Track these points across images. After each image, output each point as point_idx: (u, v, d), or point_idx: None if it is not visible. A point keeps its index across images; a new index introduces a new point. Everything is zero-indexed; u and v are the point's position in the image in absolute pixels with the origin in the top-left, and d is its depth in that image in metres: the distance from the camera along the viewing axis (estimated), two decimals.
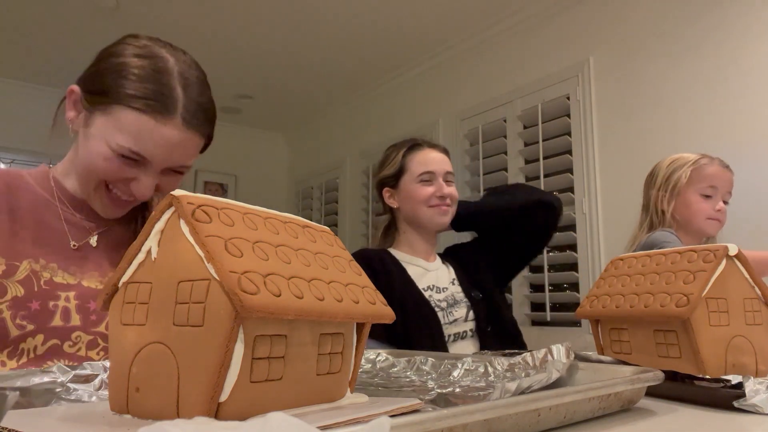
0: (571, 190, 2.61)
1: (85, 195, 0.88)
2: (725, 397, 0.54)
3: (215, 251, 0.37)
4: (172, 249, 0.40)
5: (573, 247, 2.59)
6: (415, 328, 1.30)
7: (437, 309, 1.36)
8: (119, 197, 0.86)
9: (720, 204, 1.55)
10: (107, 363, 0.51)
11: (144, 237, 0.42)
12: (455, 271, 1.49)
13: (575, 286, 2.55)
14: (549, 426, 0.45)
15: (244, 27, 3.14)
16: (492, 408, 0.39)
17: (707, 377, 0.57)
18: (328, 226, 0.71)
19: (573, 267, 2.56)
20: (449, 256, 1.55)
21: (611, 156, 2.48)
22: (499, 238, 1.53)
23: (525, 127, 2.85)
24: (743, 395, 0.53)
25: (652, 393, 0.58)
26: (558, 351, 0.60)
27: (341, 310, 0.43)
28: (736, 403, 0.53)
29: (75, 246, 0.88)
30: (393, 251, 1.48)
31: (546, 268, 2.64)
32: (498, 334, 1.41)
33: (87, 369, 0.52)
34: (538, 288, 2.74)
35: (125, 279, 0.42)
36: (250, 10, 2.96)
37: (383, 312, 0.48)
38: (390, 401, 0.46)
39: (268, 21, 3.07)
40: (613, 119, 2.50)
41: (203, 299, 0.37)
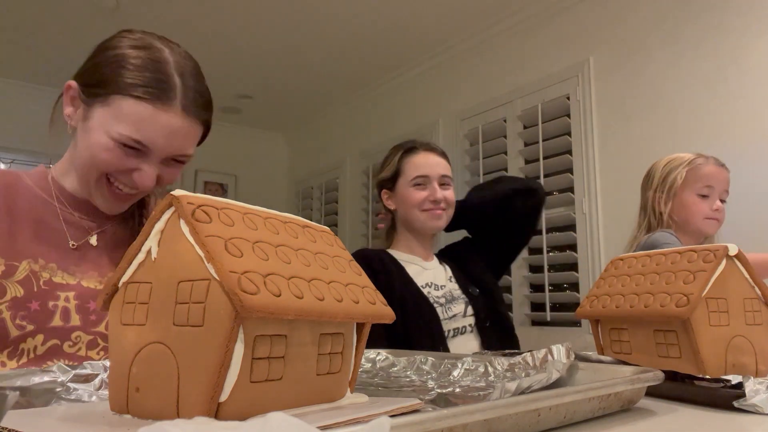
0: (571, 190, 2.61)
1: (86, 191, 0.88)
2: (725, 397, 0.54)
3: (215, 251, 0.37)
4: (172, 249, 0.40)
5: (573, 247, 2.59)
6: (415, 325, 1.31)
7: (436, 305, 1.37)
8: (121, 191, 0.86)
9: (717, 203, 1.55)
10: (107, 363, 0.51)
11: (144, 237, 0.42)
12: (452, 270, 1.50)
13: (575, 286, 2.55)
14: (549, 426, 0.45)
15: (244, 27, 3.14)
16: (492, 408, 0.39)
17: (707, 377, 0.57)
18: (328, 226, 0.71)
19: (573, 267, 2.56)
20: (444, 255, 1.57)
21: (611, 156, 2.48)
22: (489, 230, 1.56)
23: (525, 127, 2.85)
24: (743, 395, 0.53)
25: (652, 393, 0.58)
26: (558, 351, 0.60)
27: (341, 310, 0.43)
28: (736, 403, 0.53)
29: (74, 245, 0.87)
30: (392, 251, 1.49)
31: (546, 268, 2.64)
32: (496, 328, 1.44)
33: (87, 369, 0.52)
34: (538, 288, 2.74)
35: (125, 279, 0.42)
36: (250, 10, 2.96)
37: (383, 312, 0.48)
38: (390, 401, 0.46)
39: (268, 21, 3.07)
40: (613, 119, 2.50)
41: (203, 299, 0.37)
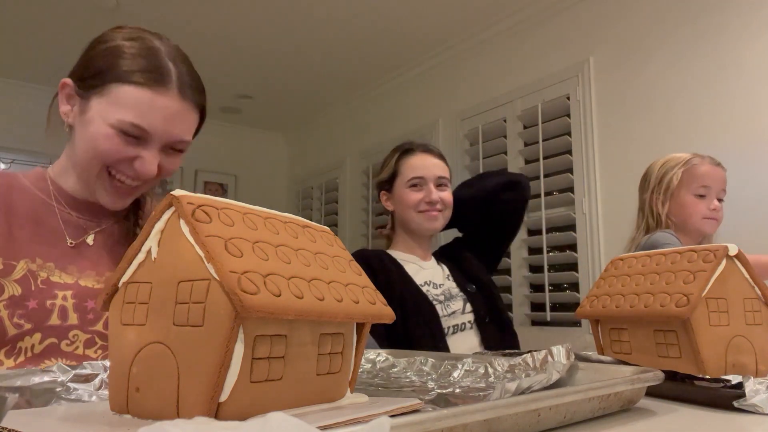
0: (571, 190, 2.61)
1: (87, 187, 0.88)
2: (725, 397, 0.54)
3: (215, 251, 0.37)
4: (172, 249, 0.40)
5: (573, 247, 2.59)
6: (415, 323, 1.32)
7: (435, 302, 1.38)
8: (123, 183, 0.86)
9: (715, 203, 1.55)
10: (107, 363, 0.51)
11: (144, 237, 0.42)
12: (449, 269, 1.52)
13: (575, 286, 2.54)
14: (549, 426, 0.45)
15: (244, 27, 3.14)
16: (492, 408, 0.39)
17: (707, 377, 0.57)
18: (328, 226, 0.71)
19: (573, 267, 2.56)
20: (440, 256, 1.57)
21: (611, 156, 2.48)
22: (479, 226, 1.58)
23: (525, 127, 2.85)
24: (743, 395, 0.53)
25: (652, 393, 0.58)
26: (558, 352, 0.60)
27: (341, 310, 0.42)
28: (736, 403, 0.53)
29: (72, 244, 0.88)
30: (391, 251, 1.50)
31: (546, 268, 2.64)
32: (495, 324, 1.45)
33: (87, 369, 0.52)
34: (538, 288, 2.74)
35: (125, 279, 0.42)
36: (250, 10, 2.96)
37: (383, 312, 0.48)
38: (390, 401, 0.46)
39: (268, 21, 3.07)
40: (613, 119, 2.50)
41: (203, 299, 0.37)
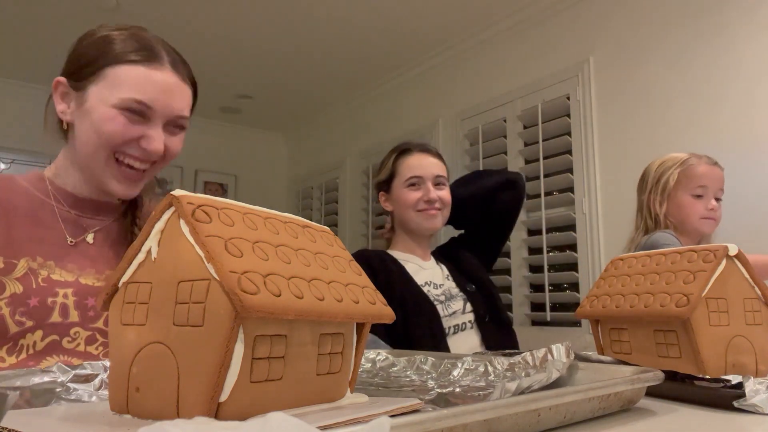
0: (571, 190, 2.61)
1: (94, 180, 0.89)
2: (725, 397, 0.54)
3: (215, 251, 0.37)
4: (172, 249, 0.40)
5: (573, 247, 2.59)
6: (416, 323, 1.32)
7: (436, 302, 1.38)
8: (131, 168, 0.88)
9: (712, 202, 1.54)
10: (107, 363, 0.51)
11: (144, 237, 0.42)
12: (448, 269, 1.52)
13: (575, 286, 2.54)
14: (549, 426, 0.45)
15: (244, 27, 3.14)
16: (492, 408, 0.39)
17: (707, 377, 0.57)
18: (328, 226, 0.71)
19: (573, 267, 2.56)
20: (438, 256, 1.57)
21: (611, 156, 2.48)
22: (477, 224, 1.60)
23: (525, 127, 2.85)
24: (743, 395, 0.53)
25: (652, 393, 0.58)
26: (558, 350, 0.60)
27: (341, 310, 0.42)
28: (736, 403, 0.53)
29: (72, 242, 0.89)
30: (391, 251, 1.50)
31: (546, 268, 2.64)
32: (495, 323, 1.45)
33: (87, 369, 0.52)
34: (538, 288, 2.74)
35: (125, 279, 0.42)
36: (250, 10, 2.96)
37: (383, 312, 0.48)
38: (390, 401, 0.46)
39: (268, 21, 3.07)
40: (613, 119, 2.50)
41: (203, 299, 0.37)
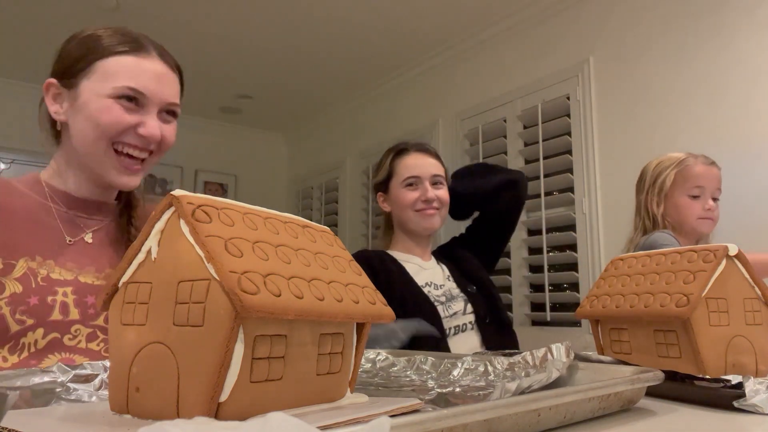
0: (571, 190, 2.61)
1: (94, 175, 0.90)
2: (725, 397, 0.54)
3: (215, 251, 0.37)
4: (172, 249, 0.40)
5: (573, 247, 2.58)
6: None
7: (437, 303, 1.38)
8: (131, 157, 0.89)
9: (709, 203, 1.54)
10: (107, 363, 0.51)
11: (144, 237, 0.42)
12: (448, 269, 1.51)
13: (575, 286, 2.54)
14: (549, 426, 0.45)
15: (244, 27, 3.14)
16: (492, 408, 0.39)
17: (707, 377, 0.57)
18: (328, 226, 0.71)
19: (573, 267, 2.56)
20: (439, 256, 1.57)
21: (611, 156, 2.48)
22: (476, 223, 1.60)
23: (525, 127, 2.85)
24: (743, 395, 0.53)
25: (652, 393, 0.58)
26: (558, 350, 0.60)
27: (341, 310, 0.42)
28: (736, 403, 0.53)
29: (70, 242, 0.89)
30: (390, 252, 1.50)
31: (546, 268, 2.64)
32: (496, 324, 1.45)
33: (87, 369, 0.52)
34: (538, 288, 2.74)
35: (125, 279, 0.42)
36: (250, 10, 2.96)
37: (383, 312, 0.48)
38: (390, 401, 0.46)
39: (268, 21, 3.07)
40: (613, 119, 2.50)
41: (203, 299, 0.37)
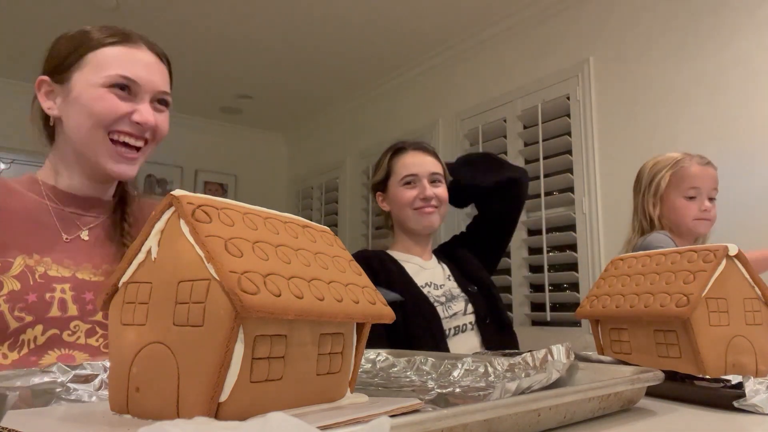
0: (571, 190, 2.61)
1: (92, 162, 0.90)
2: (725, 397, 0.54)
3: (215, 251, 0.37)
4: (172, 249, 0.40)
5: (573, 247, 2.58)
6: (416, 324, 1.32)
7: (436, 304, 1.37)
8: (127, 145, 0.90)
9: (705, 203, 1.53)
10: (107, 363, 0.51)
11: (144, 237, 0.42)
12: (449, 269, 1.51)
13: (575, 286, 2.54)
14: (549, 426, 0.45)
15: (244, 27, 3.14)
16: (492, 408, 0.39)
17: (707, 377, 0.57)
18: (328, 226, 0.71)
19: (573, 267, 2.56)
20: (440, 255, 1.57)
21: (611, 156, 2.48)
22: (475, 221, 1.60)
23: (525, 127, 2.85)
24: (743, 395, 0.53)
25: (652, 393, 0.58)
26: (558, 351, 0.60)
27: (341, 310, 0.42)
28: (736, 403, 0.53)
29: (67, 239, 0.90)
30: (390, 252, 1.49)
31: (546, 268, 2.64)
32: (496, 325, 1.44)
33: (87, 369, 0.52)
34: (538, 288, 2.74)
35: (125, 279, 0.42)
36: (250, 10, 2.96)
37: (383, 312, 0.48)
38: (390, 401, 0.46)
39: (268, 21, 3.07)
40: (613, 119, 2.50)
41: (203, 299, 0.37)
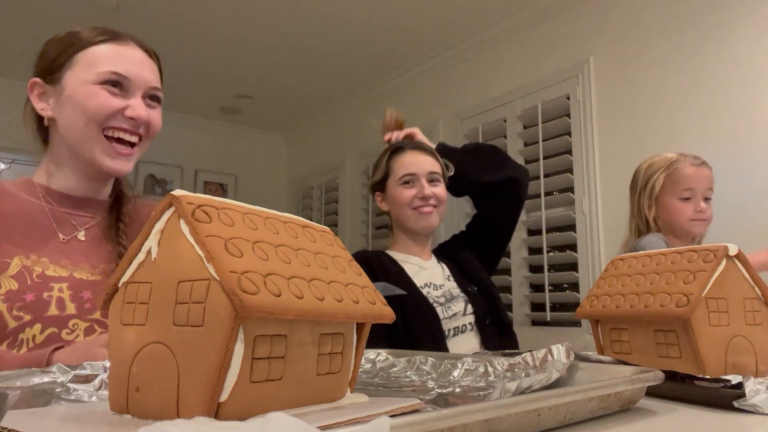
0: (571, 190, 2.61)
1: (87, 160, 0.91)
2: (725, 397, 0.54)
3: (215, 251, 0.37)
4: (172, 249, 0.40)
5: (573, 247, 2.59)
6: (415, 325, 1.31)
7: (436, 305, 1.37)
8: (121, 141, 0.90)
9: (701, 204, 1.53)
10: (107, 363, 0.51)
11: (144, 237, 0.42)
12: (449, 269, 1.50)
13: (575, 286, 2.54)
14: (549, 426, 0.45)
15: (244, 27, 3.14)
16: (492, 408, 0.39)
17: (707, 377, 0.57)
18: (328, 226, 0.71)
19: (573, 267, 2.56)
20: (439, 254, 1.56)
21: (611, 156, 2.48)
22: (474, 220, 1.59)
23: (525, 127, 2.85)
24: (743, 395, 0.53)
25: (652, 393, 0.58)
26: (558, 351, 0.60)
27: (341, 310, 0.42)
28: (736, 403, 0.53)
29: (64, 239, 0.90)
30: (390, 252, 1.49)
31: (546, 268, 2.64)
32: (495, 325, 1.44)
33: (87, 369, 0.52)
34: (538, 288, 2.74)
35: (125, 279, 0.42)
36: (250, 10, 2.96)
37: (383, 312, 0.48)
38: (390, 401, 0.46)
39: (268, 21, 3.07)
40: (613, 119, 2.50)
41: (203, 299, 0.37)
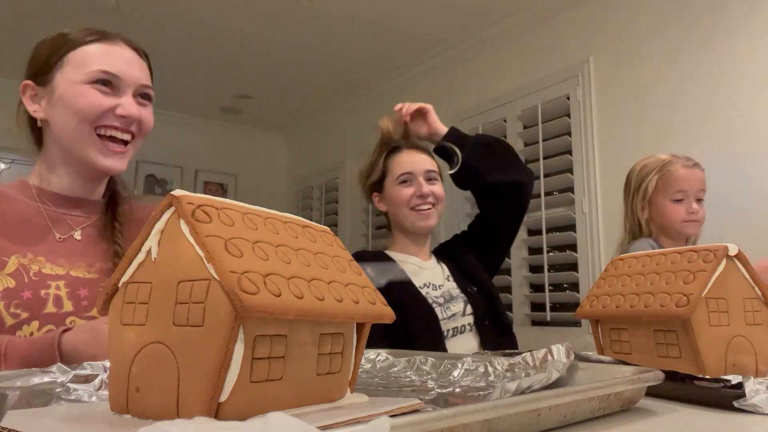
0: (571, 190, 2.61)
1: (81, 159, 0.91)
2: (725, 397, 0.54)
3: (215, 251, 0.37)
4: (172, 249, 0.40)
5: (573, 247, 2.59)
6: (414, 325, 1.31)
7: (435, 305, 1.37)
8: (114, 139, 0.91)
9: (693, 206, 1.54)
10: (107, 363, 0.51)
11: (144, 237, 0.42)
12: (449, 269, 1.50)
13: (575, 286, 2.55)
14: (549, 426, 0.45)
15: (244, 27, 3.14)
16: (492, 408, 0.39)
17: (707, 377, 0.57)
18: (328, 226, 0.71)
19: (573, 267, 2.56)
20: (439, 254, 1.56)
21: (611, 156, 2.48)
22: (476, 219, 1.56)
23: (525, 127, 2.85)
24: (743, 395, 0.53)
25: (652, 393, 0.58)
26: (558, 351, 0.60)
27: (341, 310, 0.42)
28: (736, 403, 0.53)
29: (60, 239, 0.91)
30: (389, 252, 1.49)
31: (546, 268, 2.64)
32: (495, 326, 1.43)
33: (87, 369, 0.52)
34: (538, 288, 2.74)
35: (125, 279, 0.42)
36: (250, 10, 2.96)
37: (383, 312, 0.48)
38: (390, 401, 0.46)
39: (268, 21, 3.07)
40: (613, 119, 2.50)
41: (203, 299, 0.37)
